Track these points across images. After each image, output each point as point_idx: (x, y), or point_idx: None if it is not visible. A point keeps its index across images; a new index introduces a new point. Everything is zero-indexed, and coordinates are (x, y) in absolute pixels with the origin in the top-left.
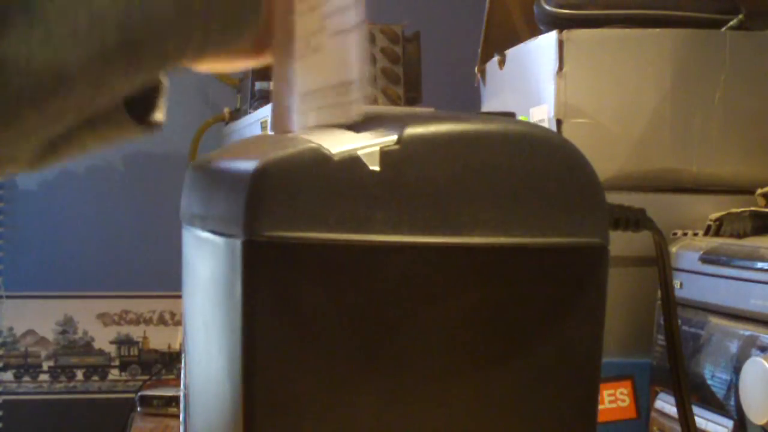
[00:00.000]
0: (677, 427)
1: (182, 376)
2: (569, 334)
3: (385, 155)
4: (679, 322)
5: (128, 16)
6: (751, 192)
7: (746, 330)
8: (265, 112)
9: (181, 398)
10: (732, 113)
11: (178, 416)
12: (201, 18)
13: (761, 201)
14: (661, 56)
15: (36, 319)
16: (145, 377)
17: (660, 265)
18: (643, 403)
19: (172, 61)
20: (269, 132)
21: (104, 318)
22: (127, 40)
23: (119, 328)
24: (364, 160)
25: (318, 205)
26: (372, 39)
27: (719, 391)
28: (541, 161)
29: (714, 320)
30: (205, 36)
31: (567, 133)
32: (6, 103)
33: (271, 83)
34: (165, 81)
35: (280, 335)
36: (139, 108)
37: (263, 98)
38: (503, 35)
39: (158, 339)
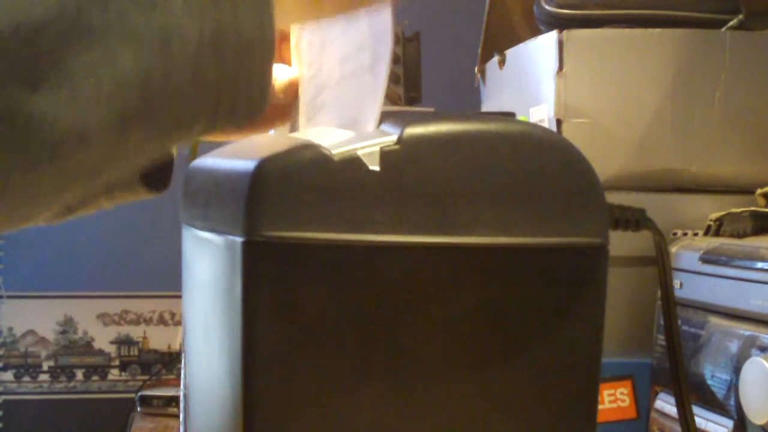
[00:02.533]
0: (677, 427)
1: (182, 376)
2: (569, 334)
3: (385, 155)
4: (679, 322)
5: (149, 81)
6: (751, 192)
7: (746, 330)
8: None
9: (181, 398)
10: (732, 113)
11: (178, 416)
12: (213, 89)
13: (761, 201)
14: (661, 56)
15: (36, 319)
16: (145, 377)
17: (660, 265)
18: (643, 403)
19: (184, 130)
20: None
21: (104, 318)
22: (146, 105)
23: (119, 328)
24: (364, 160)
25: (318, 205)
26: None
27: (719, 391)
28: (541, 161)
29: (714, 320)
30: (216, 108)
31: (567, 133)
32: (27, 157)
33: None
34: (176, 153)
35: (280, 335)
36: (152, 177)
37: None
38: (503, 35)
39: (158, 339)
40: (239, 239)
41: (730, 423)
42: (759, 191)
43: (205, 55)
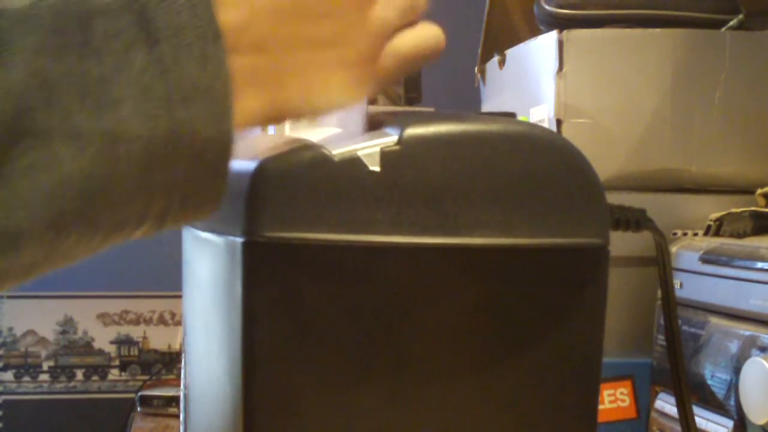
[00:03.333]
0: (677, 427)
1: (182, 376)
2: (569, 334)
3: (385, 155)
4: (679, 322)
5: (91, 183)
6: (751, 192)
7: (746, 330)
8: None
9: (181, 398)
10: (732, 113)
11: (178, 416)
12: (163, 192)
13: (761, 201)
14: (661, 56)
15: (36, 319)
16: (145, 377)
17: (660, 265)
18: (643, 403)
19: (129, 231)
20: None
21: (104, 318)
22: (87, 207)
23: (119, 328)
24: (364, 160)
25: (318, 206)
26: None
27: (719, 391)
28: (541, 161)
29: (714, 320)
30: (165, 210)
31: (567, 133)
32: None
33: None
34: None
35: (280, 335)
36: None
37: None
38: (503, 35)
39: (158, 339)
40: (239, 239)
41: (730, 423)
42: (759, 191)
43: (156, 156)
